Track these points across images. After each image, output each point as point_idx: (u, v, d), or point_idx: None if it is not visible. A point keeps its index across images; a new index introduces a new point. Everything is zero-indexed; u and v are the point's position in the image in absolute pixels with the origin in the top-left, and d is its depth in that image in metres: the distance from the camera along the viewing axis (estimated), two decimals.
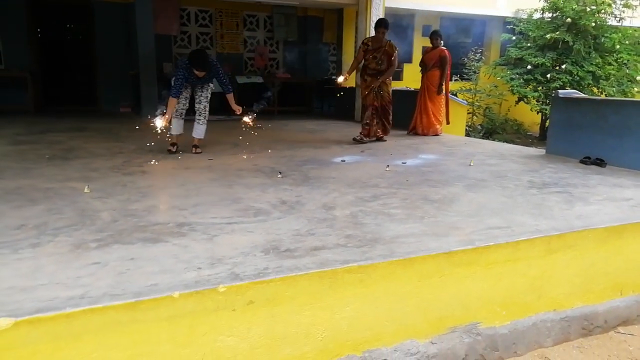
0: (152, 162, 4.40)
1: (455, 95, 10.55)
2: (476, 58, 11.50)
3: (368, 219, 2.80)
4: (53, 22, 10.16)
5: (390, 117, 6.56)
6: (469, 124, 11.22)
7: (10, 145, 5.22)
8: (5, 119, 7.66)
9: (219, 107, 9.43)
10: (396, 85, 10.92)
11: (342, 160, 4.89)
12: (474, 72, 11.53)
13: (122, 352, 1.70)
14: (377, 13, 9.48)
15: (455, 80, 12.13)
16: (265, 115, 9.55)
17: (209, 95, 5.17)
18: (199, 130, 5.11)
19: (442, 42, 7.14)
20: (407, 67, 12.04)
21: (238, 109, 5.13)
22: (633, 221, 2.89)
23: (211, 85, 5.17)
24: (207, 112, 5.15)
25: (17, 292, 1.75)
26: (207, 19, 10.43)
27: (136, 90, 9.13)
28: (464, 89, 11.54)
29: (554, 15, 10.71)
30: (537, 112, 11.25)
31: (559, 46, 10.41)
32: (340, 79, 6.37)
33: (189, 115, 5.19)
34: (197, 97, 5.10)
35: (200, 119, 5.12)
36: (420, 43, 12.14)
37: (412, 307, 2.26)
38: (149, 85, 8.74)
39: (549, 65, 10.51)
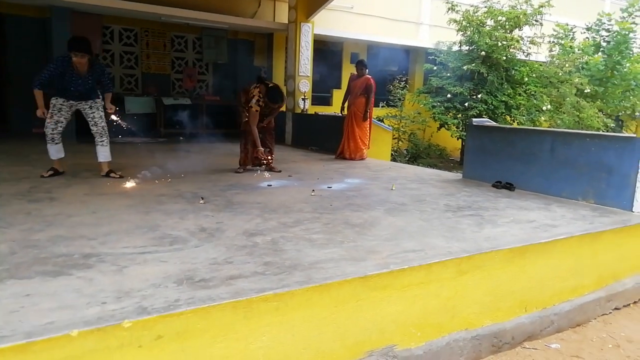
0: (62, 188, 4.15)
1: (382, 121, 10.96)
2: (400, 86, 12.05)
3: (289, 245, 2.80)
4: None
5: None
6: (395, 148, 11.66)
7: None
8: None
9: (143, 128, 9.16)
10: (325, 110, 11.21)
11: (268, 185, 4.88)
12: (399, 99, 12.05)
13: None
14: (306, 40, 9.73)
15: (382, 106, 12.63)
16: (193, 138, 9.36)
17: (103, 114, 4.91)
18: (104, 153, 4.91)
19: (367, 70, 7.42)
20: (336, 93, 12.36)
21: (111, 108, 4.91)
22: (535, 242, 3.11)
23: (99, 102, 4.88)
24: (107, 132, 4.94)
25: None
26: (132, 38, 10.13)
27: None
28: (389, 115, 12.01)
29: (470, 48, 11.51)
30: (457, 138, 11.93)
31: (475, 77, 11.17)
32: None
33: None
34: (89, 119, 4.87)
35: (102, 140, 4.91)
36: (348, 70, 12.50)
37: (329, 334, 2.27)
38: None
39: (466, 94, 11.23)
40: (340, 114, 8.17)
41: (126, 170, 4.87)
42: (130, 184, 4.48)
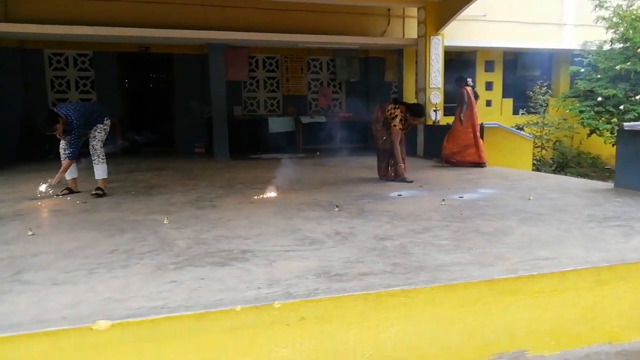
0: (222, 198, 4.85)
1: (522, 129, 10.40)
2: (542, 92, 11.29)
3: (416, 249, 2.96)
4: (139, 72, 11.35)
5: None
6: (538, 157, 10.93)
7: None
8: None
9: (284, 145, 10.04)
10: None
11: (398, 195, 5.07)
12: (540, 105, 11.30)
13: (195, 356, 1.98)
14: (436, 52, 9.75)
15: (522, 114, 11.97)
16: (328, 152, 9.95)
17: (98, 135, 5.15)
18: (98, 170, 5.17)
19: (465, 82, 7.76)
20: None
21: (57, 180, 4.88)
22: None
23: (100, 125, 5.16)
24: (101, 152, 5.18)
25: (111, 302, 2.11)
26: (273, 65, 11.19)
27: (209, 132, 9.92)
28: (530, 122, 11.31)
29: (625, 46, 10.36)
30: (613, 145, 10.73)
31: (632, 77, 10.01)
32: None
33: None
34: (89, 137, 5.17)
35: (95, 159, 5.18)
36: (483, 79, 12.16)
37: (456, 332, 2.37)
38: (220, 127, 9.51)
39: (621, 96, 10.10)
40: None
41: (269, 183, 5.45)
42: (274, 194, 5.04)
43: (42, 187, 5.11)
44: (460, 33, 10.67)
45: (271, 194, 5.06)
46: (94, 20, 8.68)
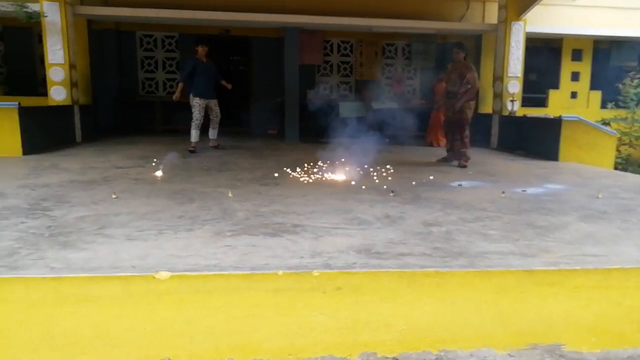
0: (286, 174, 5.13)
1: (608, 124, 9.72)
2: (634, 84, 10.41)
3: (461, 236, 3.02)
4: (220, 55, 11.94)
5: (465, 134, 6.73)
6: (625, 156, 10.16)
7: (181, 158, 6.44)
8: (177, 137, 9.25)
9: (356, 129, 10.16)
10: (538, 112, 10.48)
11: (459, 185, 5.05)
12: (632, 99, 10.43)
13: (240, 311, 2.24)
14: (517, 39, 9.34)
15: (610, 107, 11.14)
16: (398, 139, 9.94)
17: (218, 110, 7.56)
18: (215, 133, 7.70)
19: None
20: (552, 94, 11.41)
21: (228, 83, 7.54)
22: None
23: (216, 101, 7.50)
24: (218, 119, 7.62)
25: (174, 258, 2.42)
26: (348, 49, 11.29)
27: (282, 115, 10.28)
28: (618, 117, 10.50)
29: None
30: None
31: None
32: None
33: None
34: (212, 112, 7.50)
35: (216, 126, 7.67)
36: (569, 69, 11.45)
37: (490, 318, 2.44)
38: (292, 110, 9.82)
39: None
40: (552, 116, 7.67)
41: (333, 166, 5.66)
42: (335, 176, 5.23)
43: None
44: (545, 18, 10.11)
45: (332, 175, 5.25)
46: (180, 4, 9.27)
